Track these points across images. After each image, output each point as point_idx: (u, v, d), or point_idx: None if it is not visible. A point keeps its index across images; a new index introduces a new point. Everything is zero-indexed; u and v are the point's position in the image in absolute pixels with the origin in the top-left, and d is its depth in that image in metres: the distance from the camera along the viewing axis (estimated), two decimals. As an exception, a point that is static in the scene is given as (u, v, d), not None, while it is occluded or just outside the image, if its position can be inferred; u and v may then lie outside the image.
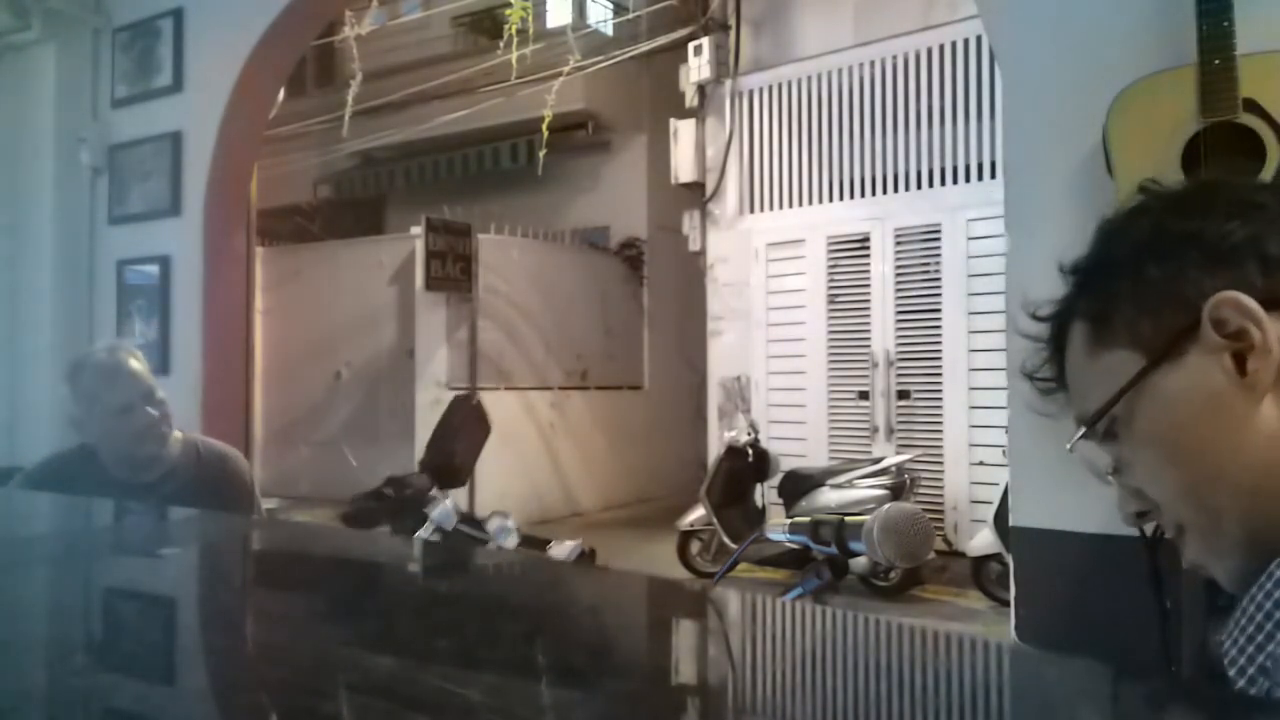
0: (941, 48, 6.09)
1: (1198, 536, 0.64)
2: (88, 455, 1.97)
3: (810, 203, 6.65)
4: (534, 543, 4.37)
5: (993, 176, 5.69)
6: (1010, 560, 2.54)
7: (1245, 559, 0.62)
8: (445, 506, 4.13)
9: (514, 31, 5.86)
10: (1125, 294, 0.65)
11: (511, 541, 4.11)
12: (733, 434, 5.89)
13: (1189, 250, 0.63)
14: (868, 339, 6.27)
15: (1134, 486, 0.67)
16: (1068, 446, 0.69)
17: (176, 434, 2.03)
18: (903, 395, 6.14)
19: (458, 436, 4.81)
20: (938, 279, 6.00)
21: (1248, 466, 0.61)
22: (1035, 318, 0.71)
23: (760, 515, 5.86)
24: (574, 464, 8.43)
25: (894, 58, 6.27)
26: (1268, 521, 0.61)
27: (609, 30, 9.53)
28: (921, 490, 5.73)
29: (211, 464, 2.05)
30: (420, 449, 7.55)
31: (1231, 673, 0.56)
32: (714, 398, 6.96)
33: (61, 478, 1.94)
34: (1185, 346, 0.62)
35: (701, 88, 7.00)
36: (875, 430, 6.22)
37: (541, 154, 6.87)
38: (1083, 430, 0.67)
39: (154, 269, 4.11)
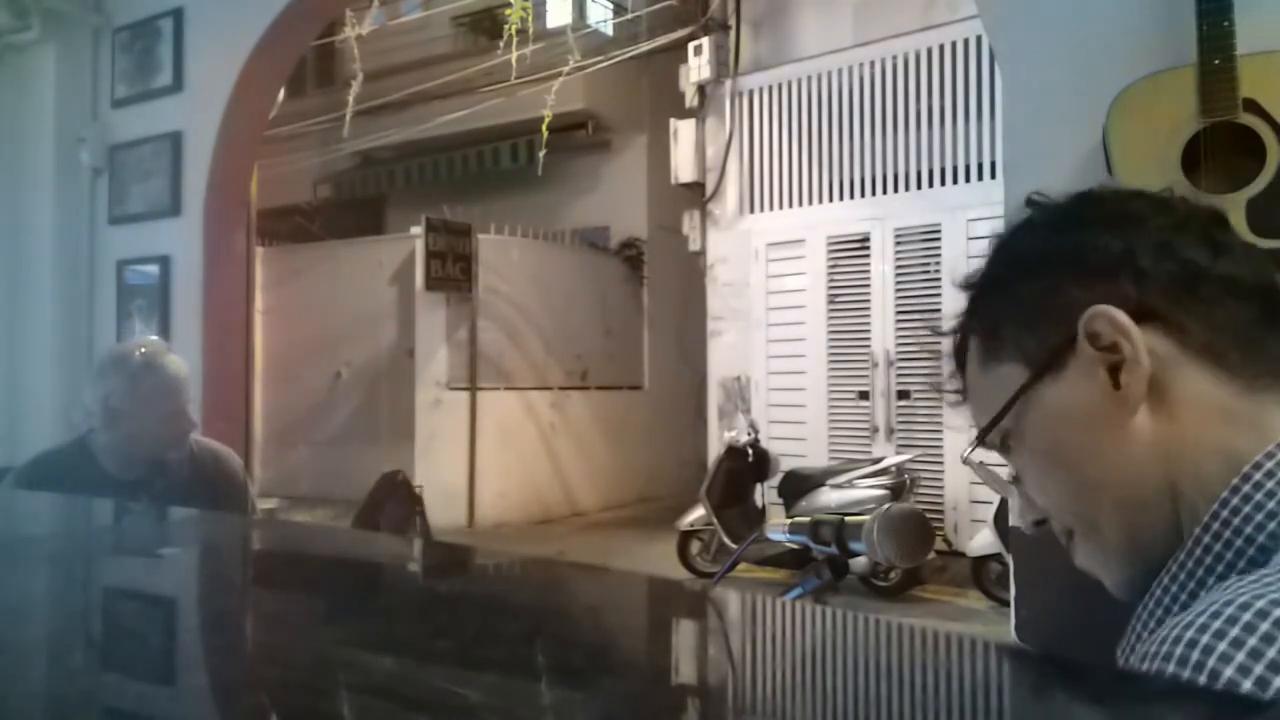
0: (941, 48, 6.09)
1: (1084, 544, 0.66)
2: (80, 451, 1.96)
3: (810, 203, 6.65)
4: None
5: (993, 176, 5.69)
6: (1010, 560, 2.54)
7: (1128, 567, 0.64)
8: None
9: (514, 31, 5.86)
10: (1010, 310, 0.67)
11: None
12: (733, 434, 5.89)
13: (1066, 265, 0.64)
14: (868, 339, 6.27)
15: (1030, 495, 0.69)
16: (961, 458, 0.71)
17: None
18: (903, 395, 6.14)
19: (382, 513, 4.91)
20: (938, 279, 5.99)
21: (1122, 478, 0.62)
22: (937, 333, 0.74)
23: (760, 515, 5.86)
24: (574, 464, 8.43)
25: (894, 58, 6.27)
26: (1144, 532, 0.62)
27: (609, 30, 9.53)
28: (921, 490, 5.73)
29: (205, 462, 2.05)
30: (419, 452, 7.58)
31: None
32: (714, 398, 6.96)
33: (53, 475, 1.94)
34: (1064, 360, 0.63)
35: (701, 88, 7.00)
36: (875, 430, 6.22)
37: (541, 154, 6.87)
38: (975, 444, 0.70)
39: (154, 269, 4.11)
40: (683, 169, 7.07)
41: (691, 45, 6.98)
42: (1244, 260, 0.63)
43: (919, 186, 6.22)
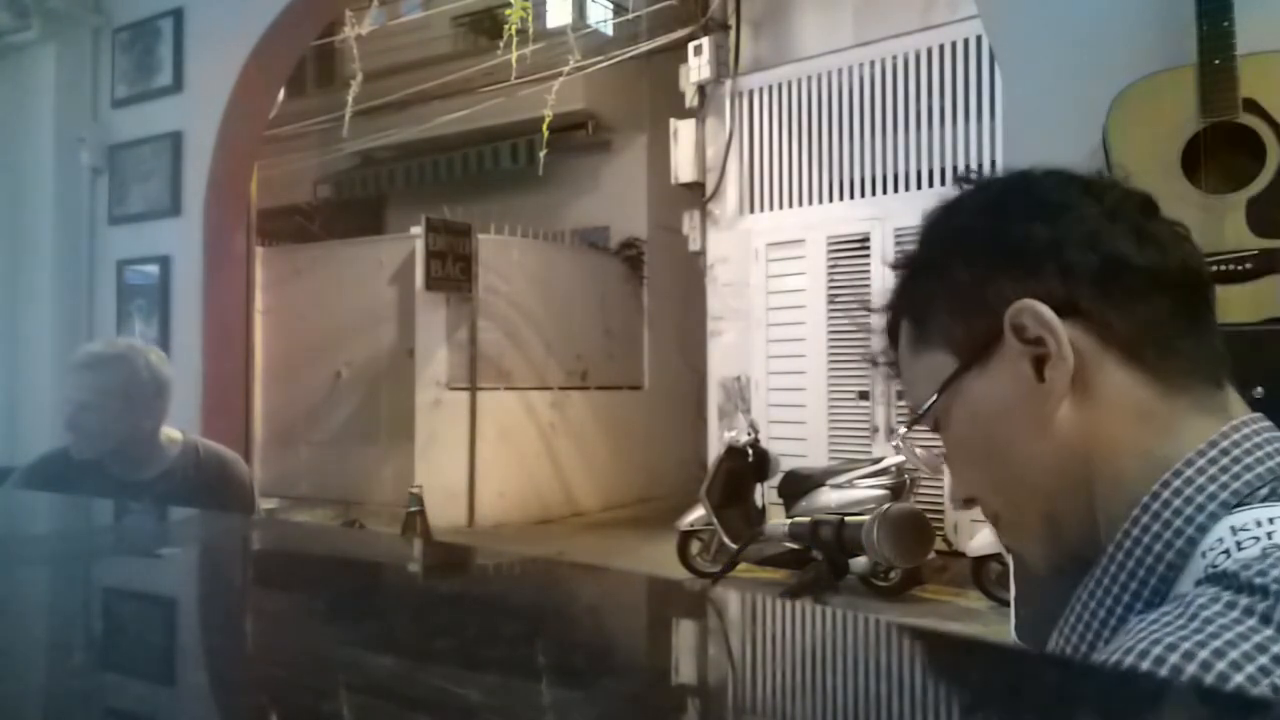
0: (941, 48, 6.09)
1: (1008, 526, 0.68)
2: None
3: (810, 203, 6.65)
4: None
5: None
6: (1010, 560, 2.54)
7: (1050, 549, 0.66)
8: None
9: (514, 31, 5.87)
10: (939, 296, 0.66)
11: None
12: (733, 434, 5.89)
13: (994, 253, 0.63)
14: (868, 339, 6.26)
15: (959, 475, 0.70)
16: (893, 443, 0.73)
17: (176, 435, 2.03)
18: (903, 395, 6.13)
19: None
20: (938, 279, 5.99)
21: (1044, 470, 0.63)
22: (868, 310, 0.74)
23: (760, 515, 5.85)
24: (574, 464, 8.43)
25: (894, 58, 6.27)
26: (1062, 520, 0.63)
27: (609, 30, 9.53)
28: (921, 490, 5.72)
29: (211, 467, 2.05)
30: (419, 452, 7.58)
31: None
32: (714, 398, 6.96)
33: (57, 476, 1.94)
34: (991, 351, 0.63)
35: (701, 88, 7.00)
36: (875, 430, 6.22)
37: (542, 154, 6.87)
38: (908, 425, 0.72)
39: (154, 269, 4.11)
40: (683, 169, 7.07)
41: (691, 45, 6.98)
42: (1171, 249, 0.62)
43: (919, 186, 6.22)
